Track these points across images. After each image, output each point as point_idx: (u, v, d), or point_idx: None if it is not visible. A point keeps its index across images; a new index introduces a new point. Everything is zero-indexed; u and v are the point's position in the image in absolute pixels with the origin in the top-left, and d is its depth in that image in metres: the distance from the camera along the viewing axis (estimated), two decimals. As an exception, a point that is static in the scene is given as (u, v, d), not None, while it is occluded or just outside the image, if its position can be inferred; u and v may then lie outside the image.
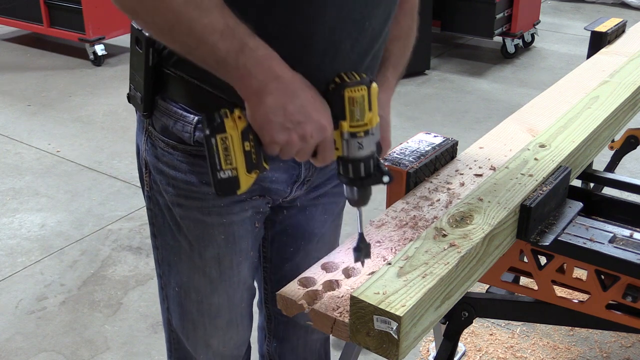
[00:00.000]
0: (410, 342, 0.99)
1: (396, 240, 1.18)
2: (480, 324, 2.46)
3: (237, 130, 0.99)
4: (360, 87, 1.00)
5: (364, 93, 1.00)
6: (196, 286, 1.32)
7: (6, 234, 3.09)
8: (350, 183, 1.06)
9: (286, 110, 0.97)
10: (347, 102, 1.01)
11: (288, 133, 0.98)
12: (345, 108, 1.01)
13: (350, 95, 1.00)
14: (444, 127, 4.12)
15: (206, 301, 1.34)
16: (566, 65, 5.09)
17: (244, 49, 0.95)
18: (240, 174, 1.01)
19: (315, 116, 0.99)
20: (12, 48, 5.66)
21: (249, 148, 1.00)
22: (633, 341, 2.38)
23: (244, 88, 0.98)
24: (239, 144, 0.99)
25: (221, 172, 1.00)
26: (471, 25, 5.15)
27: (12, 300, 2.64)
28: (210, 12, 0.93)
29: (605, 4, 6.90)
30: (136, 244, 3.00)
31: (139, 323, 2.51)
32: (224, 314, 1.37)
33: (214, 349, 1.42)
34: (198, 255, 1.28)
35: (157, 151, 1.21)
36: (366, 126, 1.02)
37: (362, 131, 1.02)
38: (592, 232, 1.33)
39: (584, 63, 2.04)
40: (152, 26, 0.98)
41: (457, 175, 1.39)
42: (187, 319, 1.38)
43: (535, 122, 1.61)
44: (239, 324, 1.42)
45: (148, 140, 1.23)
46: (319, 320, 1.06)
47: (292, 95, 0.98)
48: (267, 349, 1.66)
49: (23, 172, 3.65)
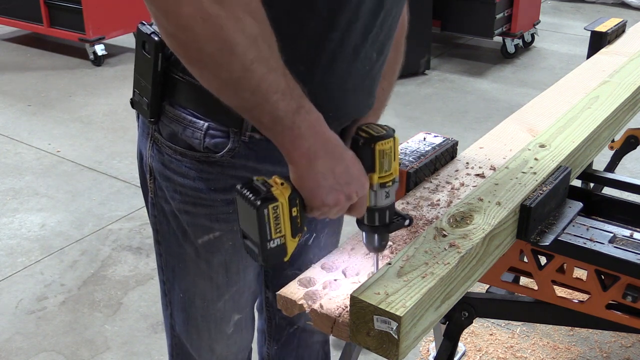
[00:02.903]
0: (410, 342, 0.99)
1: (396, 240, 1.18)
2: (480, 324, 2.46)
3: (285, 196, 0.97)
4: (389, 140, 1.01)
5: (391, 144, 1.02)
6: (202, 292, 1.31)
7: (6, 234, 3.09)
8: (373, 231, 1.07)
9: (335, 173, 0.98)
10: (377, 156, 1.01)
11: (336, 195, 0.99)
12: (376, 161, 1.02)
13: (381, 148, 1.01)
14: (444, 127, 4.12)
15: (212, 307, 1.33)
16: (566, 65, 5.09)
17: (299, 111, 0.95)
18: (287, 240, 1.00)
19: (357, 175, 1.00)
20: (12, 48, 5.66)
21: (296, 213, 0.99)
22: (633, 341, 2.38)
23: (294, 150, 0.97)
24: (287, 211, 0.98)
25: (271, 242, 0.98)
26: (471, 25, 5.15)
27: (12, 300, 2.64)
28: (275, 72, 0.92)
29: (605, 4, 6.90)
30: (136, 244, 3.00)
31: (139, 323, 2.51)
32: (229, 319, 1.37)
33: (218, 354, 1.42)
34: (205, 262, 1.27)
35: (164, 158, 1.19)
36: (392, 175, 1.03)
37: (389, 181, 1.03)
38: (592, 232, 1.33)
39: (584, 63, 2.04)
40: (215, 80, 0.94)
41: (457, 175, 1.39)
42: (191, 325, 1.37)
43: (535, 122, 1.61)
44: (243, 329, 1.42)
45: (154, 147, 1.20)
46: (319, 320, 1.06)
47: (339, 158, 0.99)
48: (267, 352, 1.66)
49: (23, 172, 3.65)
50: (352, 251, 1.18)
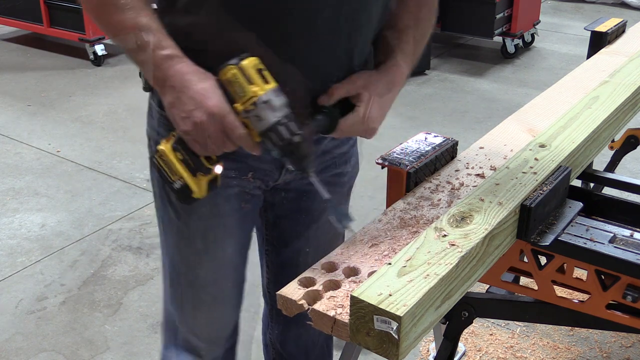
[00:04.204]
0: (410, 342, 0.99)
1: (397, 240, 1.18)
2: (480, 324, 2.46)
3: (168, 145, 1.14)
4: (229, 68, 1.08)
5: (234, 71, 1.08)
6: (184, 257, 1.40)
7: (6, 234, 3.09)
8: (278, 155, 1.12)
9: (181, 102, 1.10)
10: (226, 85, 1.09)
11: (186, 122, 1.10)
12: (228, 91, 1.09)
13: (224, 78, 1.09)
14: (444, 127, 4.12)
15: (192, 272, 1.41)
16: (566, 65, 5.09)
17: (145, 48, 1.09)
18: (188, 180, 1.14)
19: (205, 103, 1.08)
20: (12, 48, 5.66)
21: (182, 157, 1.13)
22: (633, 341, 2.38)
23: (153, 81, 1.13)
24: (173, 156, 1.13)
25: (173, 183, 1.15)
26: (471, 25, 5.15)
27: (12, 300, 2.64)
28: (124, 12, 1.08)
29: (605, 4, 6.90)
30: (136, 244, 3.00)
31: (139, 323, 2.51)
32: (209, 289, 1.43)
33: (200, 325, 1.48)
34: (184, 225, 1.35)
35: (154, 122, 1.31)
36: (252, 99, 1.08)
37: (249, 104, 1.08)
38: (592, 232, 1.33)
39: (584, 63, 2.04)
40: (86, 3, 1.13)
41: (457, 175, 1.39)
42: (176, 293, 1.45)
43: (535, 122, 1.61)
44: (225, 303, 1.48)
45: (150, 114, 1.33)
46: (319, 320, 1.06)
47: (183, 88, 1.09)
48: (270, 337, 1.71)
49: (23, 172, 3.65)
50: (352, 251, 1.18)
